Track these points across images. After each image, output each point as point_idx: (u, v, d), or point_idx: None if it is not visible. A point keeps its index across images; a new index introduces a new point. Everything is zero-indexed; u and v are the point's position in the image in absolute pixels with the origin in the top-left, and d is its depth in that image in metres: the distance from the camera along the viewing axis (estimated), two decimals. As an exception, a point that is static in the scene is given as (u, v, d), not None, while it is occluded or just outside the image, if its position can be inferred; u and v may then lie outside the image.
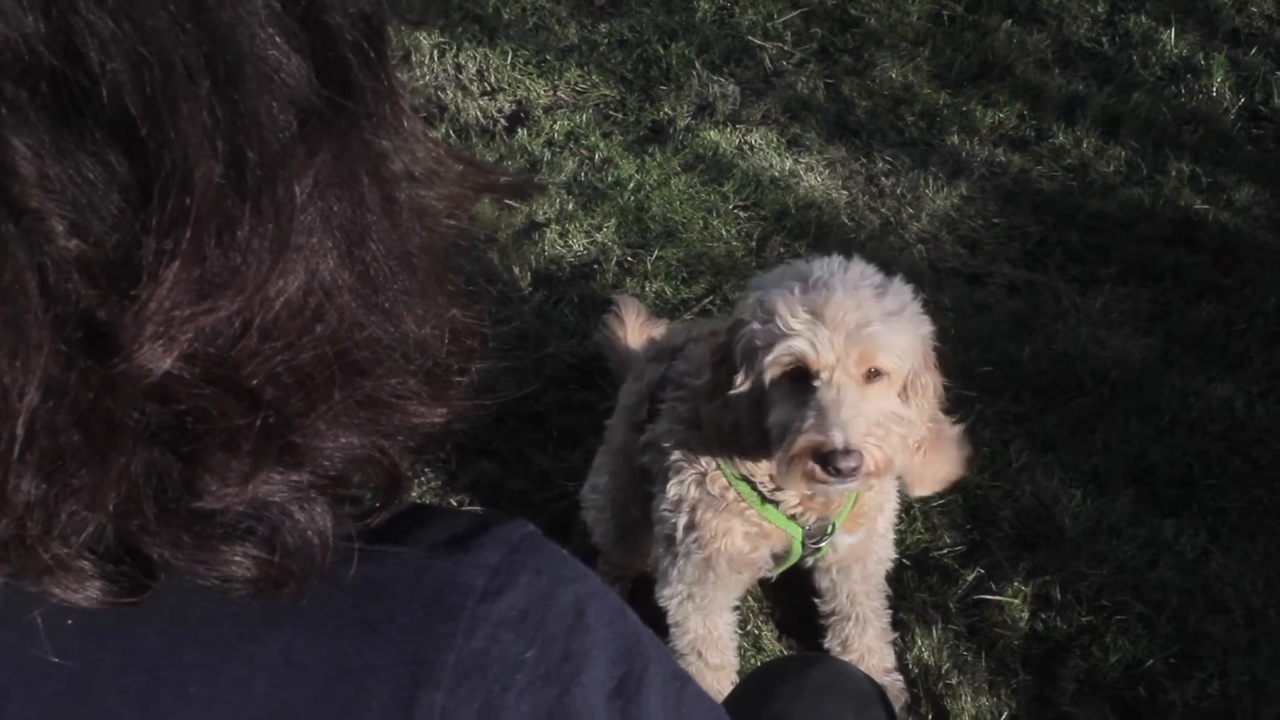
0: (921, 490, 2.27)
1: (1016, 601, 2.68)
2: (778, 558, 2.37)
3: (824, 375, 2.00)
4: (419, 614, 0.71)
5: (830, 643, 2.61)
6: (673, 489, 2.30)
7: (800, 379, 2.04)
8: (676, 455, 2.28)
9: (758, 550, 2.32)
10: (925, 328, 2.14)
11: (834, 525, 2.29)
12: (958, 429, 2.23)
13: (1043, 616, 2.68)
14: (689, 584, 2.38)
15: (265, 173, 0.60)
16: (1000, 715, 2.53)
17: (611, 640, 0.74)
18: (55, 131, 0.56)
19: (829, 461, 1.98)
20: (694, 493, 2.27)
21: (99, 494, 0.62)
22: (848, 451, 1.97)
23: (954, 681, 2.58)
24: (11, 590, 0.65)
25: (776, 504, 2.24)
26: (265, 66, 0.59)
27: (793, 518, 2.26)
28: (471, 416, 0.76)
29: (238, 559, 0.66)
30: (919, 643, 2.63)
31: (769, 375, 2.06)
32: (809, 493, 2.16)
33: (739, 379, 2.10)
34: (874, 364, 2.03)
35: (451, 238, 0.73)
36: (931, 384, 2.16)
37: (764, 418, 2.10)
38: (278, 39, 0.59)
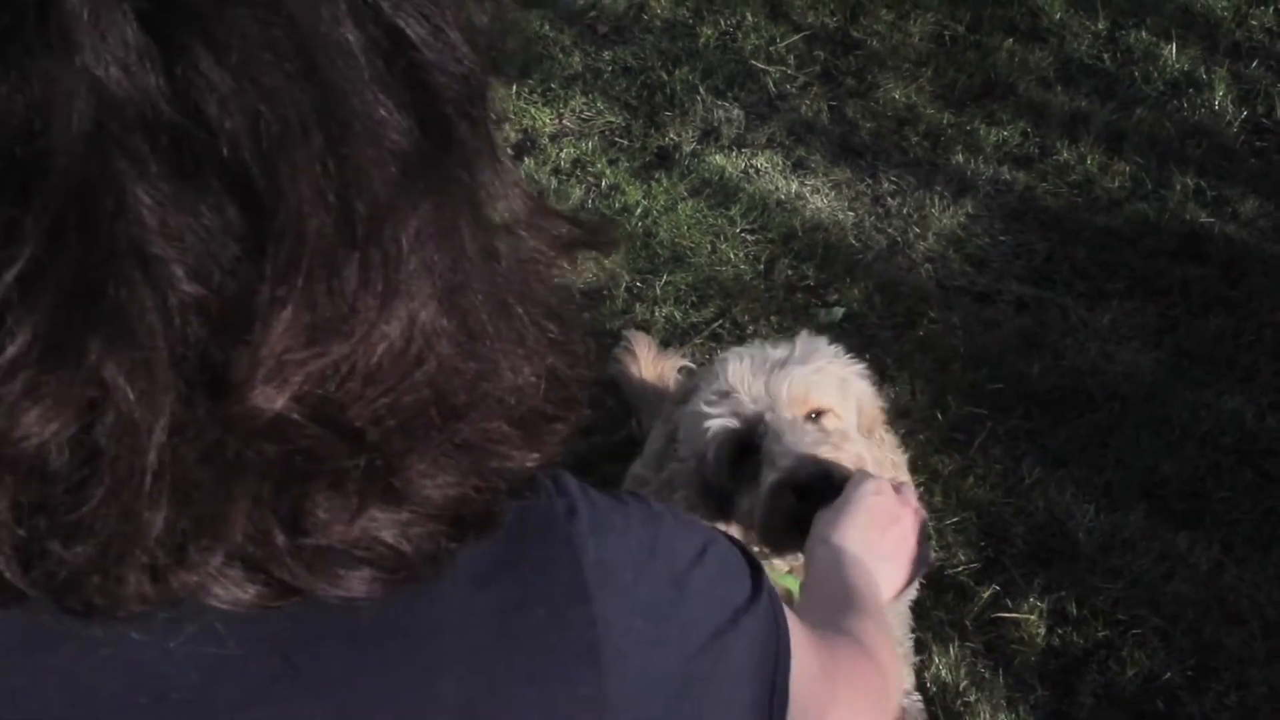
0: None
1: (1032, 617, 2.69)
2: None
3: (760, 429, 1.89)
4: (537, 545, 0.83)
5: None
6: None
7: (750, 453, 1.93)
8: (680, 495, 2.27)
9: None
10: (849, 367, 2.04)
11: None
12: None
13: (1059, 632, 2.68)
14: None
15: (373, 224, 0.63)
16: (1019, 732, 2.53)
17: (649, 519, 0.92)
18: (175, 183, 0.59)
19: (797, 484, 1.83)
20: None
21: (226, 527, 0.65)
22: (807, 462, 1.84)
23: (972, 699, 2.58)
24: (166, 618, 0.69)
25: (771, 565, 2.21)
26: (372, 123, 0.63)
27: (790, 571, 2.24)
28: (560, 460, 0.83)
29: (358, 578, 0.71)
30: (936, 661, 2.64)
31: (722, 470, 1.96)
32: (799, 563, 2.07)
33: (739, 500, 2.00)
34: (810, 403, 1.93)
35: (552, 287, 0.77)
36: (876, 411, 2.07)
37: (709, 493, 2.03)
38: (382, 96, 0.63)
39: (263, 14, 0.59)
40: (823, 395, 1.95)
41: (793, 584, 2.25)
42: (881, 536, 1.57)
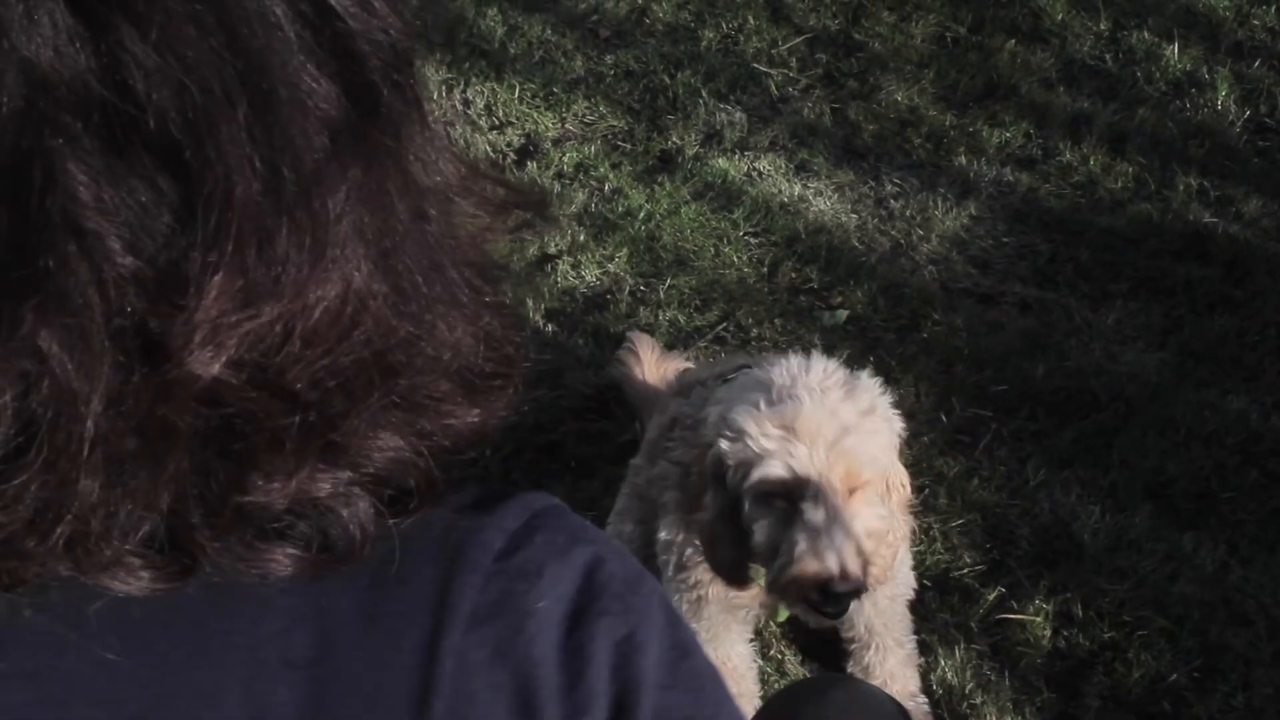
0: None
1: (1038, 619, 2.69)
2: (767, 608, 2.35)
3: (809, 493, 1.93)
4: (443, 566, 0.77)
5: (852, 668, 2.61)
6: (664, 531, 2.29)
7: (781, 495, 1.97)
8: (669, 497, 2.27)
9: (742, 599, 2.31)
10: (897, 424, 2.08)
11: None
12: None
13: (1065, 634, 2.68)
14: (686, 620, 2.36)
15: (300, 189, 0.64)
16: (1025, 734, 2.53)
17: (621, 597, 0.79)
18: (108, 158, 0.60)
19: (827, 589, 1.92)
20: (682, 537, 2.26)
21: (154, 495, 0.66)
22: (845, 577, 1.93)
23: (978, 701, 2.58)
24: (71, 585, 0.69)
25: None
26: (298, 91, 0.64)
27: None
28: (503, 422, 0.80)
29: (277, 558, 0.71)
30: (942, 663, 2.64)
31: (747, 498, 2.00)
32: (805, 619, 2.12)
33: (707, 500, 2.04)
34: (859, 479, 1.97)
35: (485, 249, 0.78)
36: (902, 479, 2.11)
37: (742, 538, 2.04)
38: (309, 65, 0.64)
39: None
40: (871, 470, 1.98)
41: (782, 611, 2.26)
42: None
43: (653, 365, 2.96)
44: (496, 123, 4.05)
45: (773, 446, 1.92)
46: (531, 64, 4.24)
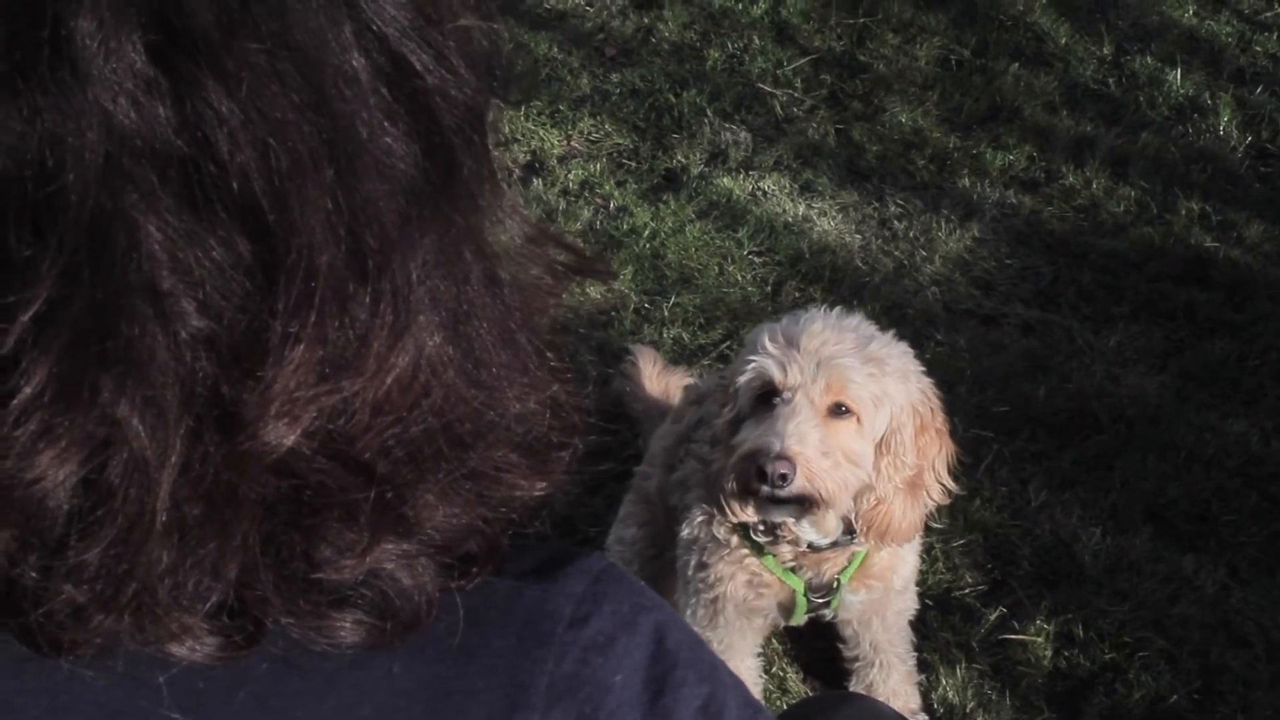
0: (886, 543, 2.22)
1: (1039, 640, 2.70)
2: (784, 608, 2.37)
3: (786, 395, 2.01)
4: (512, 639, 0.74)
5: (855, 686, 2.62)
6: (685, 529, 2.32)
7: (769, 402, 2.05)
8: (693, 495, 2.30)
9: (762, 598, 2.32)
10: (914, 386, 2.12)
11: (839, 582, 2.29)
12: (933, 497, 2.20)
13: (1065, 654, 2.69)
14: (701, 628, 2.37)
15: (383, 257, 0.62)
16: (1026, 753, 2.54)
17: (692, 664, 0.77)
18: (184, 216, 0.58)
19: (763, 469, 1.97)
20: (703, 534, 2.29)
21: (222, 564, 0.64)
22: (781, 458, 1.97)
23: (979, 720, 2.59)
24: (136, 652, 0.67)
25: (775, 555, 2.25)
26: (379, 153, 0.62)
27: (794, 570, 2.26)
28: (567, 490, 0.78)
29: (348, 625, 0.69)
30: (943, 682, 2.64)
31: (743, 400, 2.08)
32: (755, 520, 2.15)
33: (726, 411, 2.12)
34: (841, 397, 2.02)
35: (551, 314, 0.76)
36: (943, 449, 2.14)
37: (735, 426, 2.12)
38: (389, 125, 0.62)
39: (270, 44, 0.58)
40: (857, 394, 2.03)
41: (797, 583, 2.27)
42: None
43: (655, 378, 2.97)
44: (502, 140, 4.05)
45: (773, 350, 2.03)
46: (538, 82, 4.26)
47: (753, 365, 2.05)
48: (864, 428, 2.06)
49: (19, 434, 0.59)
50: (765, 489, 2.00)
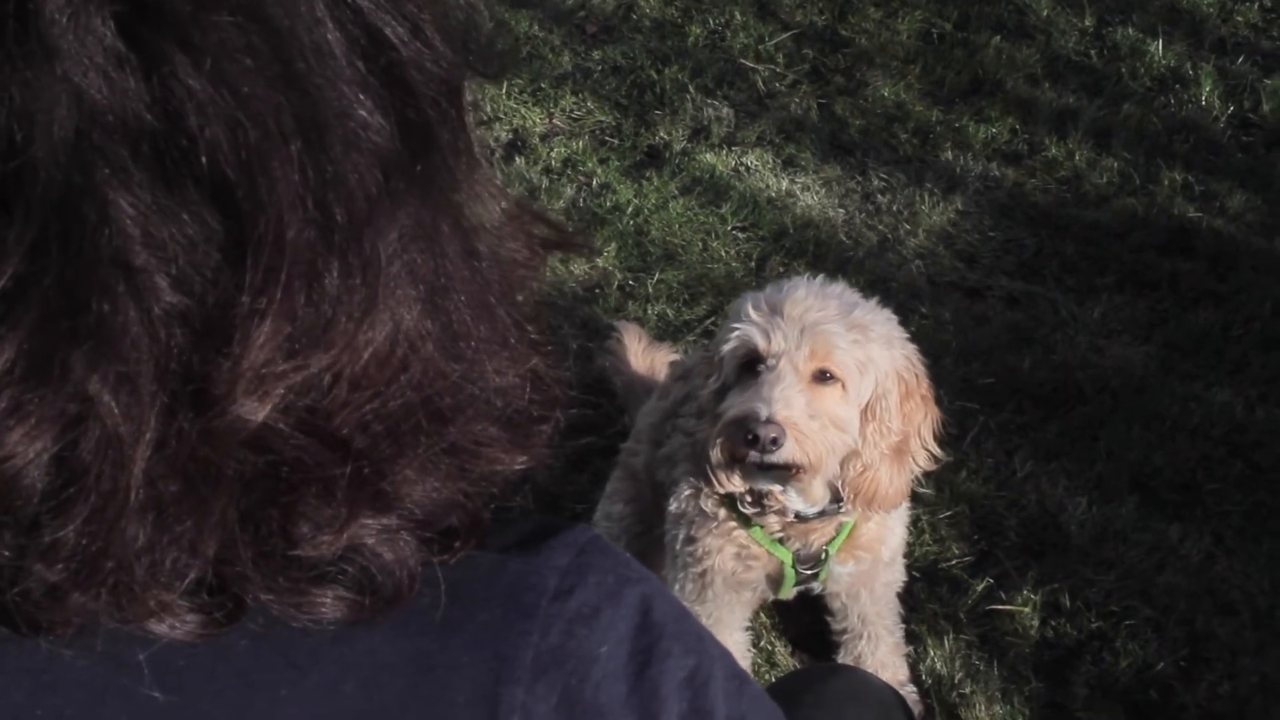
0: (873, 509, 2.23)
1: (1026, 610, 2.71)
2: (773, 580, 2.37)
3: (771, 362, 2.01)
4: (496, 612, 0.74)
5: (843, 658, 2.62)
6: (673, 504, 2.32)
7: (753, 370, 2.05)
8: (681, 469, 2.30)
9: (750, 571, 2.32)
10: (899, 353, 2.13)
11: (827, 553, 2.29)
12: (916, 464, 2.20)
13: (1053, 624, 2.70)
14: (690, 602, 2.37)
15: (353, 230, 0.62)
16: (1014, 723, 2.55)
17: (678, 635, 0.77)
18: (156, 191, 0.58)
19: (751, 433, 1.97)
20: (691, 508, 2.29)
21: (200, 541, 0.64)
22: (769, 422, 1.97)
23: (967, 691, 2.60)
24: (115, 630, 0.67)
25: (762, 526, 2.26)
26: (352, 125, 0.61)
27: (781, 541, 2.27)
28: (549, 463, 0.78)
29: (328, 601, 0.69)
30: (931, 654, 2.65)
31: (728, 369, 2.08)
32: (742, 489, 2.15)
33: (712, 381, 2.12)
34: (825, 363, 2.03)
35: (529, 288, 0.76)
36: (928, 415, 2.15)
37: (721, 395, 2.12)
38: (362, 97, 0.62)
39: (241, 18, 0.58)
40: (841, 360, 2.02)
41: (785, 555, 2.27)
42: None
43: (640, 354, 2.97)
44: (484, 118, 4.05)
45: (756, 317, 2.03)
46: (519, 59, 4.24)
47: (736, 333, 2.05)
48: (849, 394, 2.06)
49: None
50: (754, 454, 2.00)
